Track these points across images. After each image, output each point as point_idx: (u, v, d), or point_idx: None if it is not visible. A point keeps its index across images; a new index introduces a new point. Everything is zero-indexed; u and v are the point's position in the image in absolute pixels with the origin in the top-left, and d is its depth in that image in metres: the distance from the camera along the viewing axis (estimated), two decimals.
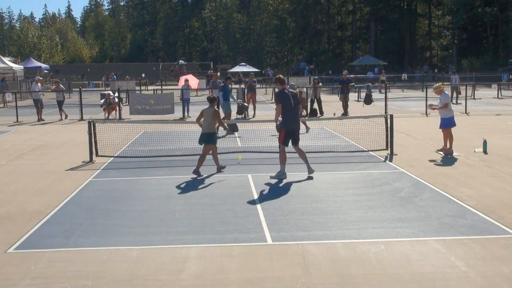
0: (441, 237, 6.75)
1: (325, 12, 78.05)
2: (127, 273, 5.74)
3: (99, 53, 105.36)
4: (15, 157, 13.30)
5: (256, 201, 8.59)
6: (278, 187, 9.58)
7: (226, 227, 7.26)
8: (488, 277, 5.49)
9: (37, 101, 22.59)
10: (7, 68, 44.18)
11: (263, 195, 8.97)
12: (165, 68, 65.12)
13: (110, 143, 13.79)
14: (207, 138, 10.63)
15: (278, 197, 8.80)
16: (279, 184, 9.77)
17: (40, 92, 23.20)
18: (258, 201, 8.58)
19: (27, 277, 5.66)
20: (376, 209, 8.06)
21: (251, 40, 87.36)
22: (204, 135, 10.67)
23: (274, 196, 8.93)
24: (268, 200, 8.60)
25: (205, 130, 10.68)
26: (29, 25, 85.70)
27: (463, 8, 63.54)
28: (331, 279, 5.51)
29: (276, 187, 9.57)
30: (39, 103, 22.44)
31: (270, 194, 9.03)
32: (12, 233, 7.16)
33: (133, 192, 9.38)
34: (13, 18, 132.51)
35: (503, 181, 9.83)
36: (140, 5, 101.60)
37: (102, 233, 7.11)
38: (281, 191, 9.09)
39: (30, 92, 24.14)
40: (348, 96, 22.79)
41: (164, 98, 22.68)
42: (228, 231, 7.09)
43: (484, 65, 58.45)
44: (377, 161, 12.00)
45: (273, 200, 8.64)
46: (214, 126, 10.83)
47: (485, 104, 26.66)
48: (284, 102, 10.03)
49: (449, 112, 12.72)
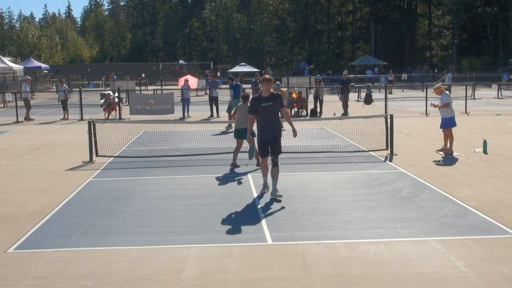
0: (441, 237, 6.75)
1: (325, 12, 78.07)
2: (127, 273, 5.74)
3: (99, 53, 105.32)
4: (15, 157, 13.30)
5: (256, 201, 8.60)
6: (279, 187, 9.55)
7: (226, 227, 7.26)
8: (488, 277, 5.49)
9: (26, 100, 22.69)
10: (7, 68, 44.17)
11: (263, 195, 8.96)
12: (165, 68, 65.09)
13: (110, 143, 13.79)
14: (241, 133, 11.10)
15: None
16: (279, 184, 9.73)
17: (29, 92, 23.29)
18: (258, 201, 8.59)
19: (27, 277, 5.66)
20: (376, 209, 8.06)
21: (251, 40, 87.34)
22: (239, 130, 11.22)
23: None
24: (268, 200, 8.60)
25: (240, 125, 11.16)
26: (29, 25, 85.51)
27: (463, 8, 63.57)
28: (331, 279, 5.51)
29: None
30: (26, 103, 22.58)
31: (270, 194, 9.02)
32: (12, 233, 7.16)
33: (133, 192, 9.37)
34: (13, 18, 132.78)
35: (503, 181, 9.83)
36: (140, 5, 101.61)
37: (102, 233, 7.11)
38: (281, 191, 9.07)
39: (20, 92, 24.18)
40: (348, 96, 22.79)
41: (164, 98, 22.67)
42: (228, 231, 7.09)
43: (484, 65, 58.45)
44: (377, 161, 12.00)
45: (273, 200, 8.64)
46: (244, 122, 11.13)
47: (485, 104, 26.65)
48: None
49: (450, 112, 12.73)
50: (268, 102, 8.53)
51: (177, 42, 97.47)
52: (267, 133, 8.62)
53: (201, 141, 14.66)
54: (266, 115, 8.58)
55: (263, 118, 8.62)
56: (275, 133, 8.67)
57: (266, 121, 8.60)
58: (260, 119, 8.67)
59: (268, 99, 8.55)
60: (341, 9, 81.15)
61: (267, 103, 8.52)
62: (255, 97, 8.80)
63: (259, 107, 8.56)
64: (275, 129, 8.69)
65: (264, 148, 8.68)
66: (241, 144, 11.41)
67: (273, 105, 8.58)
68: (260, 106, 8.56)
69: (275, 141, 8.67)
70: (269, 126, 8.60)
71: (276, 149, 8.70)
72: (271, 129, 8.62)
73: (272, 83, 8.66)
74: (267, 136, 8.63)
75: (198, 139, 14.92)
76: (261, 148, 8.72)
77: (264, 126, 8.63)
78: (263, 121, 8.62)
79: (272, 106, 8.56)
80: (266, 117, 8.59)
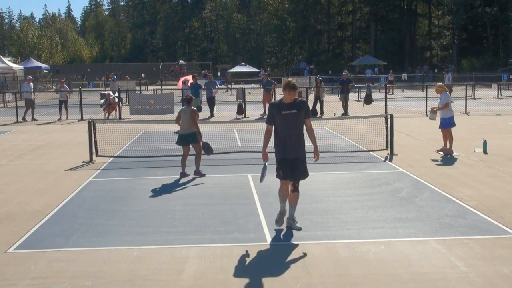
0: (441, 237, 6.75)
1: (325, 12, 78.03)
2: (127, 273, 5.74)
3: (99, 53, 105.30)
4: (15, 157, 13.30)
5: (256, 201, 8.60)
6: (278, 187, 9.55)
7: (226, 227, 7.26)
8: (488, 277, 5.49)
9: (29, 101, 22.63)
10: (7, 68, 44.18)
11: (263, 195, 8.96)
12: (165, 68, 65.08)
13: (110, 143, 13.79)
14: (185, 139, 10.50)
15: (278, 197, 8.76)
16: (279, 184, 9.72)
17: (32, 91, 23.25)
18: (258, 201, 8.59)
19: (27, 277, 5.66)
20: (376, 209, 8.07)
21: (251, 40, 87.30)
22: (182, 136, 10.55)
23: (274, 196, 8.88)
24: (268, 200, 8.60)
25: (184, 131, 10.54)
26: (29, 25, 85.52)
27: (463, 8, 63.55)
28: (331, 279, 5.51)
29: (276, 187, 9.54)
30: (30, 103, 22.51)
31: (270, 194, 9.01)
32: (12, 233, 7.16)
33: (133, 192, 9.37)
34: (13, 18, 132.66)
35: (503, 181, 9.83)
36: (140, 5, 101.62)
37: (102, 233, 7.11)
38: None
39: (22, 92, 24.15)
40: (348, 96, 22.80)
41: (164, 98, 22.66)
42: (228, 231, 7.09)
43: (484, 65, 58.42)
44: (377, 161, 12.00)
45: (273, 200, 8.62)
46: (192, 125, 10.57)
47: (485, 104, 26.66)
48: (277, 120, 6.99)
49: (449, 112, 12.73)
50: (291, 110, 6.84)
51: (177, 42, 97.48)
52: (289, 149, 6.90)
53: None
54: (288, 126, 6.86)
55: (284, 130, 6.88)
56: (299, 150, 6.96)
57: (288, 134, 6.88)
58: (279, 131, 6.93)
59: (292, 107, 6.87)
60: (341, 9, 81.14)
61: (289, 110, 6.83)
62: (274, 103, 7.07)
63: (279, 116, 6.86)
64: (300, 144, 6.96)
65: (284, 168, 6.95)
66: (188, 150, 10.67)
67: (297, 114, 6.87)
68: (280, 114, 6.85)
69: (299, 160, 6.95)
70: (292, 140, 6.89)
71: (300, 171, 6.99)
72: (295, 145, 6.91)
73: (297, 91, 6.90)
74: (289, 153, 6.89)
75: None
76: (280, 169, 6.99)
77: (285, 140, 6.91)
78: (284, 133, 6.89)
79: (296, 116, 6.86)
80: (288, 128, 6.86)
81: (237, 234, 6.97)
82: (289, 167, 6.91)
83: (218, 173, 10.81)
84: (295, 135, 6.91)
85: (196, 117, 10.58)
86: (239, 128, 17.69)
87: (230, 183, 9.95)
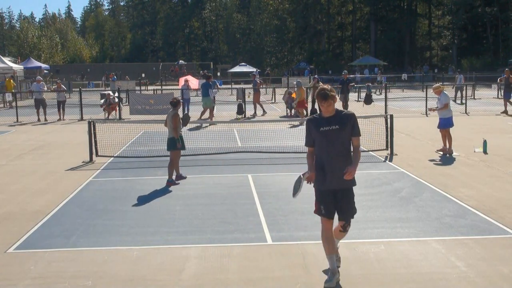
0: (441, 237, 6.75)
1: (325, 12, 78.01)
2: (127, 273, 5.74)
3: (99, 53, 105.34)
4: (15, 157, 13.30)
5: (256, 201, 8.59)
6: (278, 187, 9.57)
7: (226, 227, 7.26)
8: (488, 277, 5.49)
9: (40, 101, 22.58)
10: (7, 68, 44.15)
11: (263, 195, 8.96)
12: (165, 68, 65.09)
13: (110, 143, 13.79)
14: (169, 143, 10.09)
15: (278, 197, 8.79)
16: (279, 185, 9.76)
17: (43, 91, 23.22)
18: (258, 201, 8.58)
19: (27, 277, 5.66)
20: (376, 209, 8.07)
21: (251, 40, 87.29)
22: (168, 139, 10.18)
23: (274, 196, 8.92)
24: (268, 200, 8.60)
25: (169, 134, 10.18)
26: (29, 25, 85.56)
27: (463, 8, 63.54)
28: None
29: (276, 187, 9.57)
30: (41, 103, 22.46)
31: (270, 194, 9.03)
32: (12, 233, 7.16)
33: (133, 192, 9.37)
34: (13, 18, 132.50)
35: (503, 181, 9.83)
36: (140, 5, 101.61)
37: (102, 233, 7.11)
38: (281, 191, 9.08)
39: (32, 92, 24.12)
40: (348, 96, 22.81)
41: (164, 98, 22.64)
42: (228, 231, 7.10)
43: (484, 65, 58.42)
44: (377, 161, 12.00)
45: (273, 200, 8.64)
46: (172, 130, 10.09)
47: (485, 104, 26.67)
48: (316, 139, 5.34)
49: (448, 112, 12.73)
50: (331, 126, 5.22)
51: (177, 42, 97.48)
52: (329, 177, 5.25)
53: (201, 141, 14.67)
54: (327, 147, 5.23)
55: (323, 151, 5.27)
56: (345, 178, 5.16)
57: (329, 156, 5.23)
58: (317, 154, 5.34)
59: (332, 121, 5.25)
60: (341, 9, 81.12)
61: (329, 126, 5.23)
62: (312, 118, 5.45)
63: (317, 134, 5.28)
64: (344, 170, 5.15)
65: (326, 202, 5.34)
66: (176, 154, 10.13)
67: (340, 130, 5.23)
68: (318, 131, 5.27)
69: (345, 192, 5.34)
70: (333, 165, 5.21)
71: (347, 207, 5.39)
72: (338, 171, 5.18)
73: (331, 101, 5.22)
74: (332, 182, 5.26)
75: (198, 139, 14.92)
76: (321, 203, 5.39)
77: (324, 165, 5.26)
78: (324, 155, 5.27)
79: (337, 132, 5.22)
80: (328, 149, 5.23)
81: (237, 234, 6.97)
82: (331, 200, 5.31)
83: (218, 173, 10.81)
84: (337, 158, 5.21)
85: (176, 123, 10.03)
86: (239, 128, 17.69)
87: (230, 183, 9.95)
